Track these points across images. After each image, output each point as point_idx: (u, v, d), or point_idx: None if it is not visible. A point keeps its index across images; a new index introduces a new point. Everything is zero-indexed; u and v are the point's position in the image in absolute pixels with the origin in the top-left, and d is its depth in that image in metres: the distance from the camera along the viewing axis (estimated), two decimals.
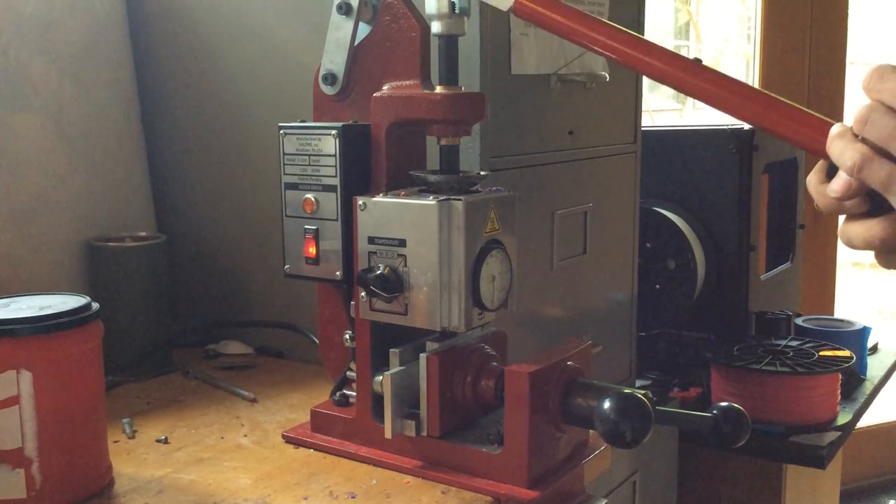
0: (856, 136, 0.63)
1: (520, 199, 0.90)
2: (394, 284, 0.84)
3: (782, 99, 0.69)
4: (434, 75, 0.89)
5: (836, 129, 0.65)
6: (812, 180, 0.68)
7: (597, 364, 1.21)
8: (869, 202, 0.64)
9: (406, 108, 0.88)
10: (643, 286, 1.60)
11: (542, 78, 1.20)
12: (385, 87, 0.91)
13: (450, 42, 0.87)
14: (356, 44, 0.93)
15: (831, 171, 0.66)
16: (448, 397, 0.87)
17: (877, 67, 0.62)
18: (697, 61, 0.74)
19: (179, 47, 1.37)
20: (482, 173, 0.90)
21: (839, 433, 1.52)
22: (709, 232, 1.74)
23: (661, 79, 0.75)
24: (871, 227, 0.65)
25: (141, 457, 0.95)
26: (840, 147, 0.64)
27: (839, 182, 0.65)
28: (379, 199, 0.87)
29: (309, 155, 0.92)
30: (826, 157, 0.66)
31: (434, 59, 0.89)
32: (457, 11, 0.85)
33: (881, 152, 0.61)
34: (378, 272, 0.85)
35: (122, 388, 1.17)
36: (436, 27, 0.86)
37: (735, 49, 3.20)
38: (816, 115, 0.68)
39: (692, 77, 0.73)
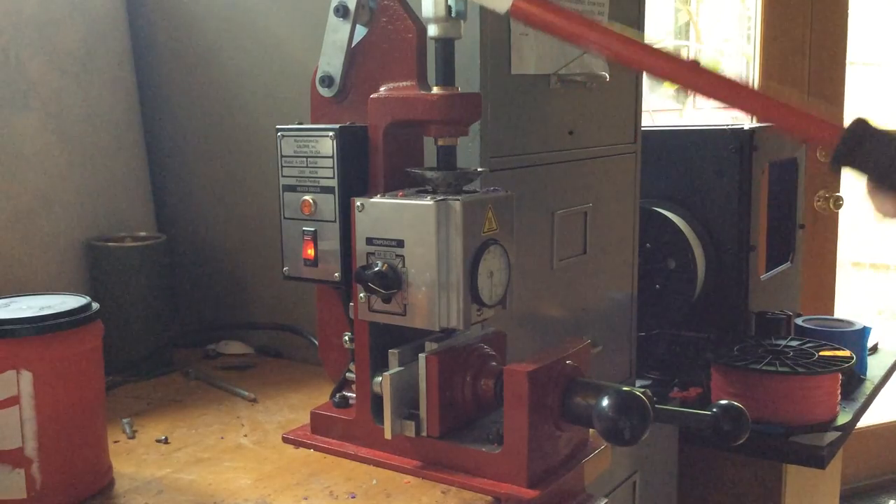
0: None
1: (520, 199, 0.90)
2: (392, 281, 0.84)
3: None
4: (431, 76, 0.89)
5: None
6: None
7: (597, 364, 1.22)
8: None
9: (403, 109, 0.88)
10: (643, 286, 1.60)
11: (542, 78, 1.20)
12: (382, 89, 0.91)
13: (446, 45, 0.87)
14: (353, 46, 0.93)
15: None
16: (447, 397, 0.87)
17: None
18: (695, 63, 0.75)
19: (179, 47, 1.37)
20: (479, 170, 0.90)
21: (839, 433, 1.52)
22: (709, 232, 1.74)
23: (659, 75, 0.76)
24: None
25: (141, 457, 0.95)
26: None
27: None
28: (377, 200, 0.87)
29: (307, 157, 0.92)
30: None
31: (431, 60, 0.89)
32: (453, 15, 0.85)
33: None
34: (376, 269, 0.84)
35: (122, 388, 1.18)
36: (432, 30, 0.86)
37: (735, 49, 3.20)
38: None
39: (691, 74, 0.74)
